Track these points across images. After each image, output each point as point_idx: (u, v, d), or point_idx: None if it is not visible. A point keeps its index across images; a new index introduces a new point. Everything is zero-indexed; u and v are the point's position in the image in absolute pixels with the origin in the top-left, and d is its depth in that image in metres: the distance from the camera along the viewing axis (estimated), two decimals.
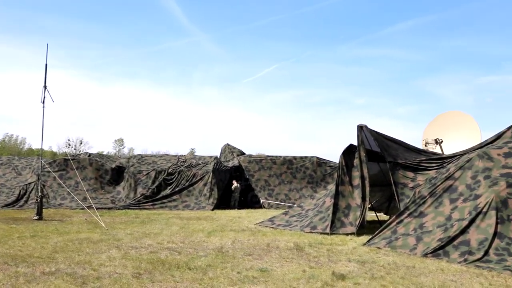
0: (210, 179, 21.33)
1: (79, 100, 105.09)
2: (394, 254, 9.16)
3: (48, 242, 9.82)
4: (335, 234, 11.72)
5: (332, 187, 13.55)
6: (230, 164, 24.23)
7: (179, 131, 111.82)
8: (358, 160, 12.68)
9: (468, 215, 9.29)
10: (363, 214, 12.12)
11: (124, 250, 9.02)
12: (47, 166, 20.64)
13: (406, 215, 10.51)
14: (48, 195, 19.65)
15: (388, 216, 15.56)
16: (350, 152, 13.13)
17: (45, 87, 15.10)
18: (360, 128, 12.56)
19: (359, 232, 11.70)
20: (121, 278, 6.70)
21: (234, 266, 7.75)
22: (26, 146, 76.78)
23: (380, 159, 13.32)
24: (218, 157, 24.98)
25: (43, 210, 15.07)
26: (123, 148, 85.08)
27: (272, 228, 13.31)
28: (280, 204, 22.13)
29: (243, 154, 25.97)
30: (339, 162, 13.12)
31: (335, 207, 12.36)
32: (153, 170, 21.79)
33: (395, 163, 12.66)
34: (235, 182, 22.71)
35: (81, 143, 74.77)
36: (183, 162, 22.79)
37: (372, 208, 15.42)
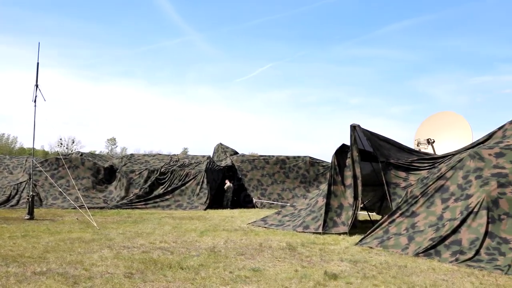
0: (203, 179, 21.30)
1: (72, 99, 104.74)
2: (386, 254, 9.20)
3: (40, 242, 9.76)
4: (327, 233, 11.75)
5: (324, 186, 13.57)
6: (223, 163, 24.21)
7: (172, 131, 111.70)
8: (350, 160, 12.71)
9: (459, 214, 9.34)
10: (355, 213, 12.14)
11: (116, 250, 8.98)
12: (38, 166, 20.51)
13: (398, 214, 10.55)
14: (39, 195, 19.53)
15: (380, 216, 15.60)
16: (342, 152, 13.17)
17: (36, 85, 15.01)
18: (353, 128, 12.58)
19: (352, 232, 11.73)
20: (113, 278, 6.67)
21: (227, 265, 7.75)
22: (18, 145, 76.35)
23: (372, 159, 13.36)
24: (211, 156, 24.95)
25: (35, 210, 14.97)
26: (115, 147, 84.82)
27: (265, 227, 13.32)
28: (273, 203, 22.14)
29: (236, 154, 25.95)
30: (332, 162, 13.16)
31: (328, 206, 12.39)
32: (145, 169, 21.73)
33: (387, 163, 12.71)
34: (228, 182, 22.69)
35: (73, 142, 74.40)
36: (176, 161, 22.74)
37: (364, 207, 15.46)
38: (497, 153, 10.23)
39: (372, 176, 13.81)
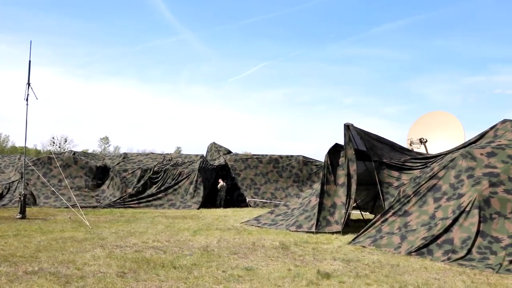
0: (196, 178, 21.27)
1: (65, 97, 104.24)
2: (378, 253, 9.23)
3: (31, 241, 9.70)
4: (320, 233, 11.77)
5: (317, 186, 13.59)
6: (216, 162, 24.19)
7: (165, 130, 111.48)
8: (344, 159, 12.74)
9: (451, 214, 9.40)
10: (346, 211, 12.14)
11: (108, 249, 8.95)
12: (30, 164, 20.38)
13: (390, 214, 10.59)
14: (34, 195, 19.42)
15: (373, 215, 15.65)
16: (335, 151, 13.20)
17: (28, 84, 14.92)
18: (347, 127, 12.62)
19: (344, 231, 11.76)
20: (105, 277, 6.64)
21: (220, 265, 7.74)
22: (10, 144, 75.88)
23: (366, 158, 13.40)
24: (204, 155, 24.92)
25: (27, 209, 14.88)
26: (108, 146, 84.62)
27: (258, 227, 13.32)
28: (266, 203, 22.15)
29: (229, 153, 25.93)
30: (325, 161, 13.18)
31: (321, 206, 12.41)
32: (138, 168, 21.66)
33: (380, 162, 12.75)
34: (221, 181, 22.67)
35: (65, 141, 74.24)
36: (169, 160, 22.69)
37: (357, 207, 15.50)
38: (488, 152, 10.30)
39: (365, 175, 13.85)
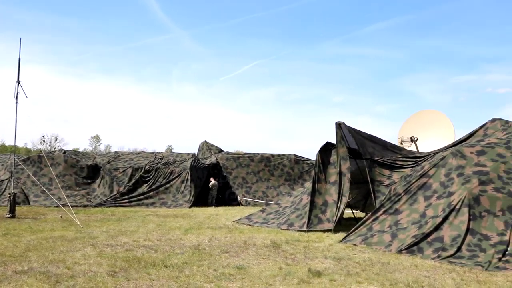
0: (188, 177, 21.22)
1: (56, 96, 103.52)
2: (369, 251, 9.27)
3: (21, 241, 9.62)
4: (312, 231, 11.79)
5: (309, 184, 13.62)
6: (208, 161, 24.15)
7: (156, 128, 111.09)
8: (336, 157, 12.77)
9: (442, 212, 9.46)
10: (338, 209, 12.16)
11: (99, 248, 8.90)
12: (20, 163, 20.22)
13: (381, 212, 10.64)
14: (26, 194, 19.27)
15: (364, 214, 15.71)
16: (326, 149, 13.22)
17: (18, 82, 14.79)
18: (338, 125, 12.65)
19: (336, 229, 11.80)
20: (95, 276, 6.61)
21: (211, 263, 7.74)
22: None
23: (357, 156, 13.43)
24: (196, 154, 24.87)
25: (17, 208, 14.76)
26: (99, 145, 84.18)
27: (249, 225, 13.33)
28: (257, 201, 22.16)
29: (221, 152, 25.91)
30: (316, 160, 13.20)
31: (312, 204, 12.43)
32: (129, 167, 21.57)
33: (371, 160, 12.79)
34: (212, 180, 22.64)
35: (56, 140, 73.71)
36: (160, 159, 22.62)
37: (348, 205, 15.54)
38: (478, 151, 10.38)
39: (357, 173, 13.89)
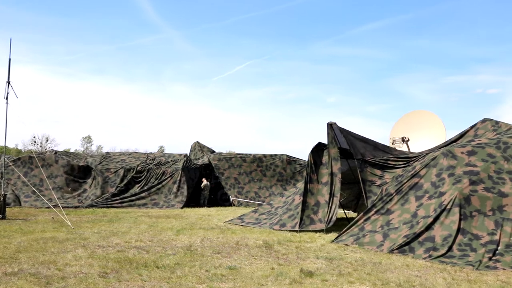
0: (180, 177, 21.19)
1: (46, 96, 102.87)
2: (361, 251, 9.30)
3: (11, 242, 9.55)
4: (304, 231, 11.81)
5: (301, 185, 13.64)
6: (200, 162, 24.12)
7: (148, 129, 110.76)
8: (328, 157, 12.79)
9: (433, 212, 9.51)
10: (331, 209, 12.18)
11: (90, 249, 8.86)
12: (11, 164, 20.07)
13: (373, 212, 10.68)
14: (17, 196, 19.13)
15: (356, 214, 15.77)
16: (318, 150, 13.24)
17: (8, 82, 14.69)
18: (330, 126, 12.68)
19: (328, 230, 11.82)
20: (87, 277, 6.57)
21: (203, 264, 7.72)
22: None
23: (349, 156, 13.48)
24: (188, 155, 24.83)
25: (7, 209, 14.64)
26: (91, 145, 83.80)
27: (242, 226, 13.32)
28: (250, 202, 22.16)
29: (213, 152, 25.89)
30: (308, 160, 13.21)
31: (304, 204, 12.44)
32: (121, 168, 21.49)
33: (363, 160, 12.84)
34: (204, 180, 22.61)
35: (47, 141, 73.23)
36: (152, 160, 22.55)
37: (340, 205, 15.59)
38: (469, 151, 10.45)
39: (348, 173, 13.94)
